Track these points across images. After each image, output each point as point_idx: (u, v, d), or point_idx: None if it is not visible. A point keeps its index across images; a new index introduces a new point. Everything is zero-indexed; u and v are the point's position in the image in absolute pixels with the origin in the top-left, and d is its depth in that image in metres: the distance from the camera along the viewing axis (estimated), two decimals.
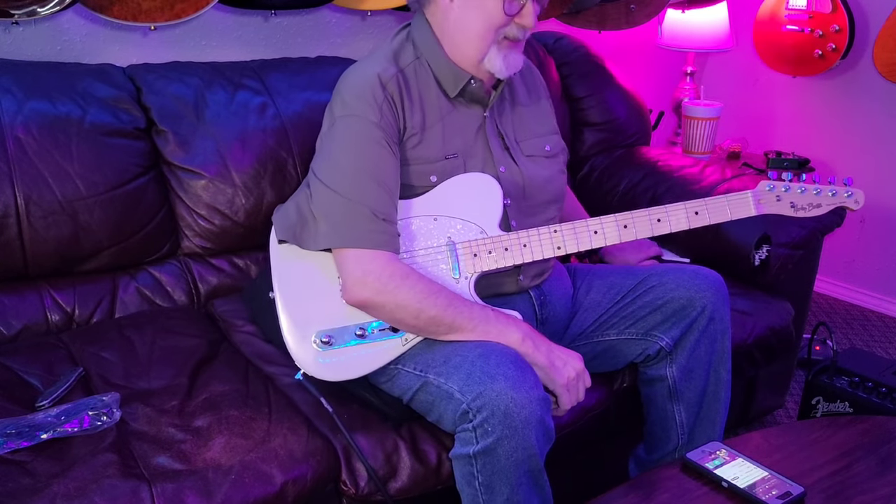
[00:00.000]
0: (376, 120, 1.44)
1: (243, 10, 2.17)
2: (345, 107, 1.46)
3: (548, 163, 1.64)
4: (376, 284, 1.39)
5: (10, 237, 1.67)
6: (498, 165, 1.55)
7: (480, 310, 1.43)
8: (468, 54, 1.50)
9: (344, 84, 1.50)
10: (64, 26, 2.00)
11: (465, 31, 1.49)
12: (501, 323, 1.42)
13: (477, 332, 1.40)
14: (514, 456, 1.30)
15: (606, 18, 2.65)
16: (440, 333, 1.42)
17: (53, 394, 1.46)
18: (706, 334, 1.61)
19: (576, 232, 1.52)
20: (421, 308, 1.39)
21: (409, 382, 1.45)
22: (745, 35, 3.11)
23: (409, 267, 1.43)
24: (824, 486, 1.30)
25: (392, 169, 1.45)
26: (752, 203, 1.53)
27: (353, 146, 1.44)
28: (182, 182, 1.88)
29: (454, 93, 1.53)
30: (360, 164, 1.43)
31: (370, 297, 1.40)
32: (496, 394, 1.28)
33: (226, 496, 1.30)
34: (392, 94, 1.46)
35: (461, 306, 1.41)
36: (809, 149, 3.03)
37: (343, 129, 1.46)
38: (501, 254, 1.50)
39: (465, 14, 1.48)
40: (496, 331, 1.41)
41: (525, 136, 1.63)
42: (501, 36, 1.48)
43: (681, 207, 1.52)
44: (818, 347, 2.63)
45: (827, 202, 1.52)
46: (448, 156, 1.52)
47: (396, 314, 1.41)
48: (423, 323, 1.40)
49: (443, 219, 1.50)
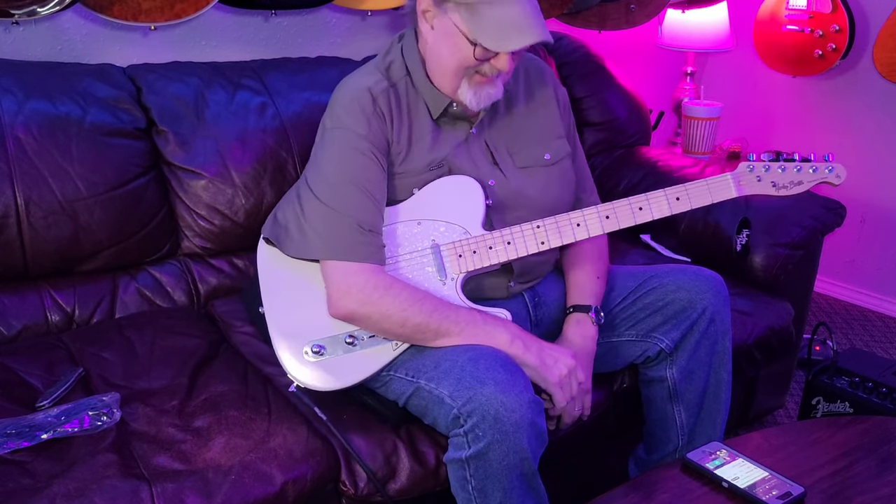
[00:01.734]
0: (364, 132, 1.45)
1: (243, 10, 2.17)
2: (334, 119, 1.48)
3: (545, 172, 1.60)
4: (360, 296, 1.39)
5: (10, 237, 1.67)
6: (486, 179, 1.54)
7: (467, 313, 1.43)
8: (442, 83, 1.50)
9: (336, 96, 1.52)
10: (64, 26, 2.00)
11: (439, 61, 1.48)
12: (489, 325, 1.42)
13: (464, 335, 1.40)
14: (506, 460, 1.30)
15: (606, 18, 2.64)
16: (428, 340, 1.42)
17: (53, 394, 1.46)
18: (707, 335, 1.61)
19: (558, 225, 1.51)
20: (406, 316, 1.39)
21: (402, 388, 1.45)
22: (745, 35, 3.11)
23: (392, 277, 1.44)
24: (824, 486, 1.30)
25: (379, 180, 1.46)
26: (733, 185, 1.52)
27: (340, 158, 1.45)
28: (182, 182, 1.88)
29: (436, 114, 1.53)
30: (347, 176, 1.44)
31: (355, 308, 1.40)
32: (486, 398, 1.28)
33: (226, 496, 1.30)
34: (381, 107, 1.47)
35: (447, 311, 1.41)
36: (809, 149, 2.99)
37: (332, 141, 1.47)
38: (486, 253, 1.49)
39: (438, 45, 1.47)
40: (484, 333, 1.41)
41: (520, 146, 1.60)
42: (473, 72, 1.46)
43: (661, 194, 1.51)
44: (818, 347, 2.63)
45: (808, 178, 1.51)
46: (432, 167, 1.52)
47: (382, 324, 1.41)
48: (409, 331, 1.41)
49: (426, 222, 1.50)
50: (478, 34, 1.40)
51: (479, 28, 1.40)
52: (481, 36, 1.40)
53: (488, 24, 1.39)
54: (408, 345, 1.45)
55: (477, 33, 1.40)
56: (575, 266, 1.65)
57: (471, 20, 1.40)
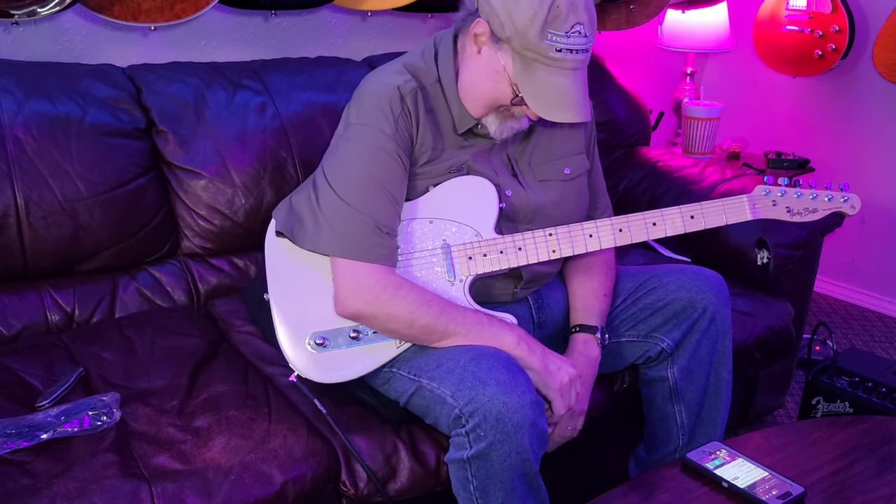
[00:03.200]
0: (391, 132, 1.42)
1: (243, 10, 2.17)
2: (361, 114, 1.45)
3: (564, 187, 1.59)
4: (368, 297, 1.39)
5: (10, 237, 1.67)
6: (504, 189, 1.53)
7: (473, 314, 1.42)
8: (471, 107, 1.48)
9: (364, 89, 1.48)
10: (64, 26, 2.00)
11: (476, 87, 1.46)
12: (495, 327, 1.42)
13: (470, 336, 1.40)
14: (508, 460, 1.30)
15: (606, 18, 2.64)
16: (433, 341, 1.42)
17: (53, 394, 1.46)
18: (707, 335, 1.61)
19: (571, 235, 1.51)
20: (413, 318, 1.39)
21: (404, 386, 1.45)
22: (745, 35, 3.11)
23: (401, 278, 1.43)
24: (824, 486, 1.30)
25: (400, 181, 1.44)
26: (748, 207, 1.52)
27: (364, 155, 1.42)
28: (182, 182, 1.88)
29: (461, 130, 1.50)
30: (370, 175, 1.42)
31: (362, 308, 1.40)
32: (488, 398, 1.28)
33: (226, 496, 1.30)
34: (409, 107, 1.44)
35: (454, 313, 1.41)
36: (809, 149, 3.03)
37: (357, 137, 1.44)
38: (496, 257, 1.49)
39: (480, 73, 1.44)
40: (490, 334, 1.41)
41: (542, 159, 1.58)
42: (504, 109, 1.46)
43: (676, 211, 1.52)
44: (818, 347, 2.63)
45: (823, 207, 1.51)
46: (452, 170, 1.50)
47: (389, 325, 1.41)
48: (416, 332, 1.41)
49: (438, 221, 1.50)
50: (525, 91, 1.38)
51: (527, 86, 1.38)
52: (528, 95, 1.38)
53: (538, 87, 1.37)
54: (410, 343, 1.45)
55: (524, 90, 1.38)
56: (581, 278, 1.64)
57: (523, 73, 1.38)
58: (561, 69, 1.36)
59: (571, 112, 1.38)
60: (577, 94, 1.38)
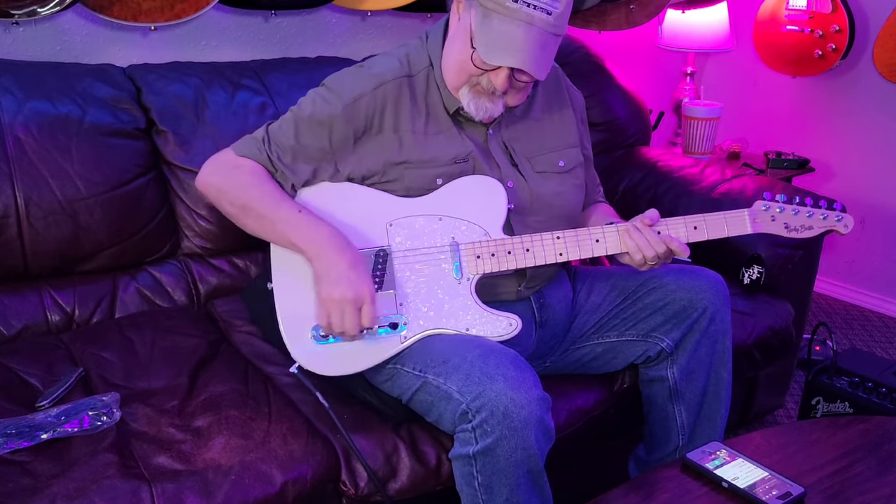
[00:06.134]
0: (339, 110, 1.49)
1: (243, 10, 2.17)
2: (335, 79, 1.54)
3: (560, 178, 1.62)
4: (213, 166, 1.54)
5: (10, 237, 1.67)
6: (506, 181, 1.55)
7: (288, 212, 1.47)
8: (448, 78, 1.51)
9: (354, 67, 1.57)
10: (64, 26, 2.00)
11: (449, 54, 1.50)
12: (311, 227, 1.45)
13: (279, 225, 1.46)
14: (514, 456, 1.30)
15: (606, 18, 2.64)
16: (250, 224, 1.51)
17: (53, 394, 1.46)
18: (707, 335, 1.61)
19: (578, 239, 1.53)
20: (236, 195, 1.50)
21: (409, 382, 1.45)
22: (745, 35, 3.11)
23: (254, 165, 1.51)
24: (824, 486, 1.31)
25: (316, 151, 1.51)
26: (749, 221, 1.55)
27: (307, 108, 1.52)
28: (182, 182, 1.88)
29: (451, 110, 1.54)
30: (298, 125, 1.51)
31: (206, 175, 1.54)
32: (495, 394, 1.28)
33: (226, 496, 1.30)
34: (385, 96, 1.49)
35: (273, 205, 1.47)
36: (809, 149, 3.03)
37: (315, 93, 1.54)
38: (504, 257, 1.50)
39: (453, 39, 1.49)
40: (297, 231, 1.45)
41: (537, 151, 1.61)
42: (474, 81, 1.47)
43: (680, 221, 1.54)
44: (818, 348, 2.63)
45: (818, 225, 1.56)
46: (457, 160, 1.52)
47: (220, 199, 1.53)
48: (237, 210, 1.51)
49: (447, 219, 1.51)
50: (477, 38, 1.41)
51: (480, 33, 1.40)
52: (478, 42, 1.41)
53: (490, 33, 1.39)
54: (414, 339, 1.45)
55: (477, 37, 1.41)
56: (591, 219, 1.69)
57: (480, 24, 1.40)
58: (515, 19, 1.37)
59: (515, 58, 1.39)
60: (527, 44, 1.38)
